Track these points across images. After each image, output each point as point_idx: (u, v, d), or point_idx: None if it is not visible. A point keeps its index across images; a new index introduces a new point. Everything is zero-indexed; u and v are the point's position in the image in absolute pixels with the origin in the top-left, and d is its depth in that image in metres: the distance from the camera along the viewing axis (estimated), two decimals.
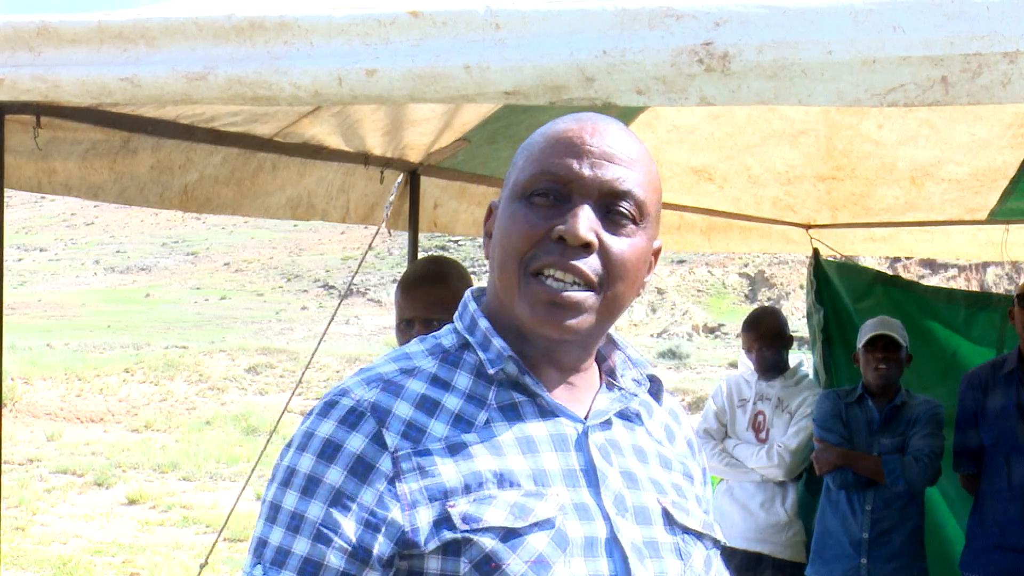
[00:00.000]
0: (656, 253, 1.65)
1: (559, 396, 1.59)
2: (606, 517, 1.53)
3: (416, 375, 1.55)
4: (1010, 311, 4.68)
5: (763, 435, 5.26)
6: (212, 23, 2.35)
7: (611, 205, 1.54)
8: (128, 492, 12.84)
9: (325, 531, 1.47)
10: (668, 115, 4.88)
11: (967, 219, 5.82)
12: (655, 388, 1.71)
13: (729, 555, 5.18)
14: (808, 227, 6.06)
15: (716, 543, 1.66)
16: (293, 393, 5.80)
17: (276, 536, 1.49)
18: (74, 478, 13.77)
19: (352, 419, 1.50)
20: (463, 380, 1.56)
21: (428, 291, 3.33)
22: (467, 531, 1.46)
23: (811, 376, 5.57)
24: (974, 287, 29.45)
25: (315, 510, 1.47)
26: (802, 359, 5.50)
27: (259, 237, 46.76)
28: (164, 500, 12.54)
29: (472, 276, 3.53)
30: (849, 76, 1.99)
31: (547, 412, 1.57)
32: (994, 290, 26.40)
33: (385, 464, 1.48)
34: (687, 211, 5.78)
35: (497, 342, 1.56)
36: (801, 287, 25.11)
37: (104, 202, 3.49)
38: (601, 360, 1.67)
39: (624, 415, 1.64)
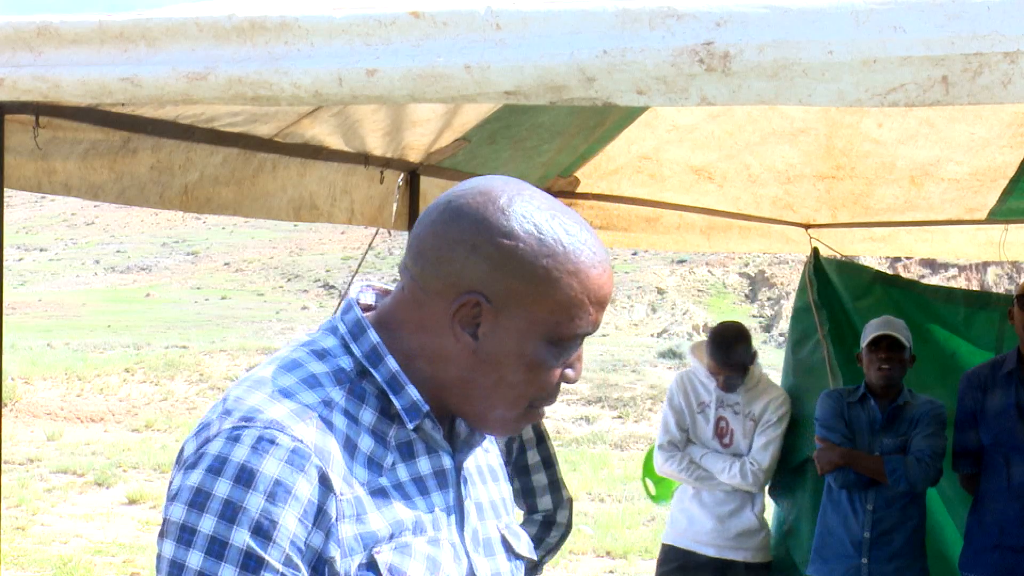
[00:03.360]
0: None
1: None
2: (467, 554, 1.59)
3: (334, 408, 1.53)
4: (1010, 311, 4.68)
5: (727, 440, 5.22)
6: (213, 23, 2.35)
7: None
8: (128, 492, 12.83)
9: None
10: (668, 115, 4.88)
11: (967, 219, 5.82)
12: None
13: (702, 564, 5.19)
14: (808, 227, 6.06)
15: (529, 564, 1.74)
16: None
17: (228, 574, 1.44)
18: (74, 478, 13.77)
19: (299, 461, 1.46)
20: (367, 416, 1.55)
21: None
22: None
23: (767, 375, 5.52)
24: (974, 287, 29.44)
25: (275, 555, 1.44)
26: (758, 361, 5.42)
27: (259, 237, 46.76)
28: (164, 500, 12.52)
29: None
30: (850, 76, 1.99)
31: (431, 446, 1.60)
32: (994, 290, 26.40)
33: (331, 508, 1.47)
34: (687, 211, 5.78)
35: (411, 392, 1.55)
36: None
37: (104, 202, 3.49)
38: None
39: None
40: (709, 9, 2.04)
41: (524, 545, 1.69)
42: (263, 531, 1.44)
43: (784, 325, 26.21)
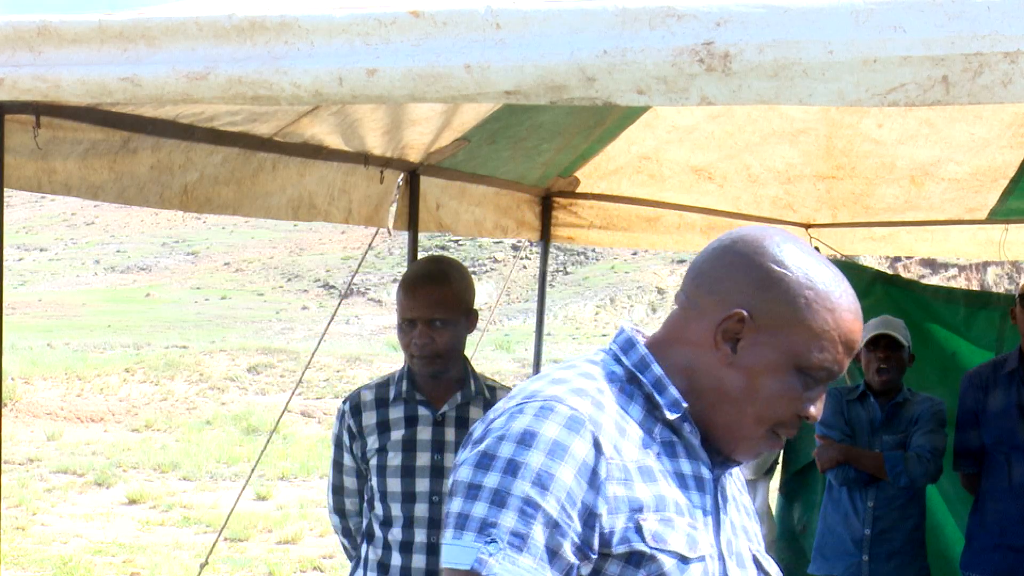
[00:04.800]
0: None
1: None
2: (721, 558, 1.74)
3: (607, 395, 1.71)
4: (1012, 311, 4.68)
5: None
6: (213, 23, 2.35)
7: None
8: (128, 492, 12.83)
9: (562, 525, 1.60)
10: (668, 115, 4.88)
11: (967, 218, 5.82)
12: None
13: None
14: (808, 226, 6.06)
15: None
16: (293, 393, 5.81)
17: (509, 520, 1.59)
18: (74, 478, 13.77)
19: (575, 425, 1.64)
20: (636, 412, 1.72)
21: (430, 291, 3.33)
22: (655, 548, 1.64)
23: None
24: (974, 287, 29.45)
25: (552, 505, 1.60)
26: None
27: (259, 237, 46.76)
28: (164, 500, 12.53)
29: (472, 276, 3.54)
30: (850, 76, 1.99)
31: (692, 454, 1.75)
32: (994, 290, 26.41)
33: (602, 468, 1.63)
34: (687, 211, 5.78)
35: (673, 391, 1.73)
36: None
37: (104, 202, 3.49)
38: None
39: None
40: (709, 9, 2.04)
41: (774, 569, 1.83)
42: (542, 482, 1.60)
43: None
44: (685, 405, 1.73)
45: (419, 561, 3.35)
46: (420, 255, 4.42)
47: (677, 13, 2.05)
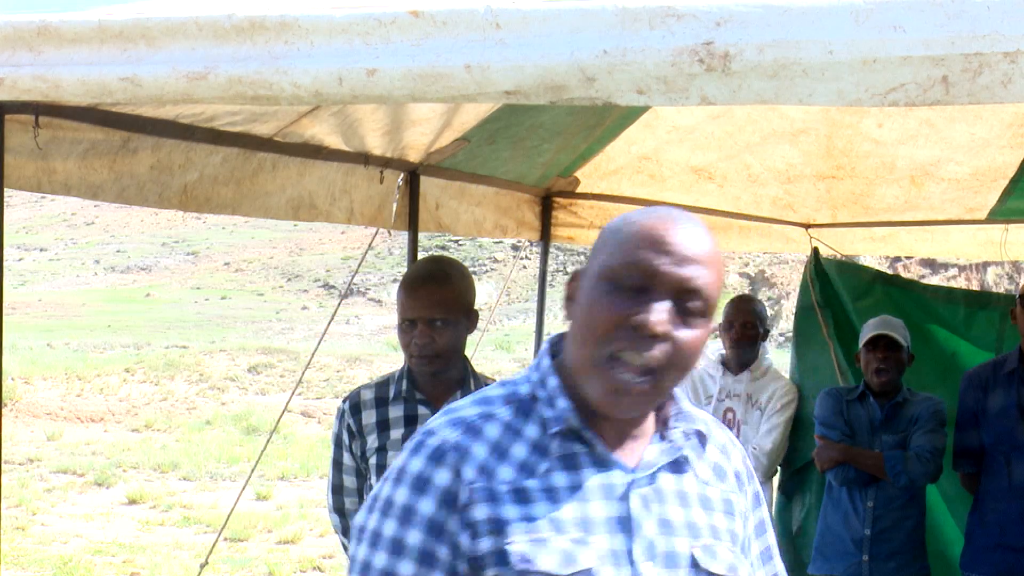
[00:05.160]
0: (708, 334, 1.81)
1: (613, 445, 1.77)
2: (632, 563, 1.71)
3: (492, 421, 1.75)
4: (1012, 311, 4.68)
5: (734, 430, 5.23)
6: (212, 23, 2.35)
7: (685, 301, 1.70)
8: (128, 492, 12.83)
9: (427, 555, 1.69)
10: (668, 115, 4.88)
11: (967, 219, 5.82)
12: (701, 442, 1.85)
13: None
14: (808, 226, 6.06)
15: None
16: (293, 393, 5.81)
17: (380, 560, 1.71)
18: (74, 478, 13.77)
19: (438, 456, 1.72)
20: (531, 430, 1.75)
21: (431, 291, 3.33)
22: (521, 570, 1.66)
23: (774, 366, 5.54)
24: (974, 287, 29.44)
25: (415, 537, 1.69)
26: (767, 348, 5.48)
27: (259, 237, 46.76)
28: (164, 500, 12.53)
29: (472, 276, 3.54)
30: (850, 76, 1.99)
31: (601, 463, 1.75)
32: (994, 290, 26.40)
33: (463, 494, 1.69)
34: (687, 211, 5.78)
35: (561, 403, 1.75)
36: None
37: (104, 202, 3.49)
38: (658, 408, 1.83)
39: (675, 462, 1.80)
40: (709, 9, 2.03)
41: (720, 564, 1.77)
42: (407, 518, 1.70)
43: (784, 325, 26.21)
44: (567, 416, 1.74)
45: None
46: (420, 255, 4.42)
47: (677, 13, 2.04)
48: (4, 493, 3.62)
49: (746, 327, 5.30)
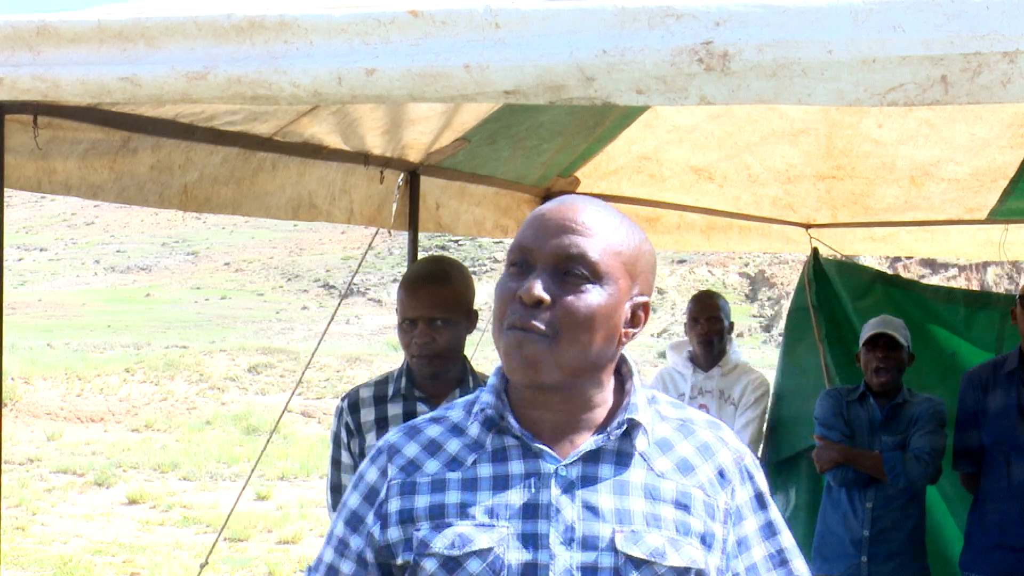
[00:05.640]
0: (640, 307, 1.88)
1: (548, 439, 1.84)
2: (547, 546, 1.79)
3: (441, 422, 1.91)
4: (1012, 311, 4.68)
5: None
6: (212, 22, 2.35)
7: (566, 268, 1.79)
8: (128, 492, 12.83)
9: (341, 545, 1.90)
10: (668, 115, 4.88)
11: (967, 219, 5.82)
12: (645, 433, 1.87)
13: None
14: (808, 226, 6.06)
15: (676, 569, 1.81)
16: (293, 393, 5.81)
17: (321, 547, 1.96)
18: (74, 478, 13.77)
19: (375, 456, 1.90)
20: (474, 428, 1.87)
21: (430, 291, 3.33)
22: (418, 555, 1.80)
23: (743, 360, 5.55)
24: (974, 287, 29.44)
25: (339, 528, 1.91)
26: (734, 342, 5.48)
27: (259, 237, 46.76)
28: (164, 500, 12.53)
29: (472, 276, 3.54)
30: (849, 75, 1.99)
31: (530, 454, 1.83)
32: (994, 290, 26.39)
33: (382, 489, 1.86)
34: (687, 211, 5.78)
35: (485, 398, 1.87)
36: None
37: (104, 202, 3.49)
38: (615, 406, 1.89)
39: (623, 452, 1.85)
40: (708, 8, 2.04)
41: (641, 549, 1.80)
42: (341, 511, 1.92)
43: (783, 324, 26.18)
44: (485, 408, 1.85)
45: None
46: (420, 255, 4.42)
47: (676, 13, 2.05)
48: (4, 493, 3.62)
49: (711, 322, 5.31)
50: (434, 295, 3.32)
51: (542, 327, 1.77)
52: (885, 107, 2.42)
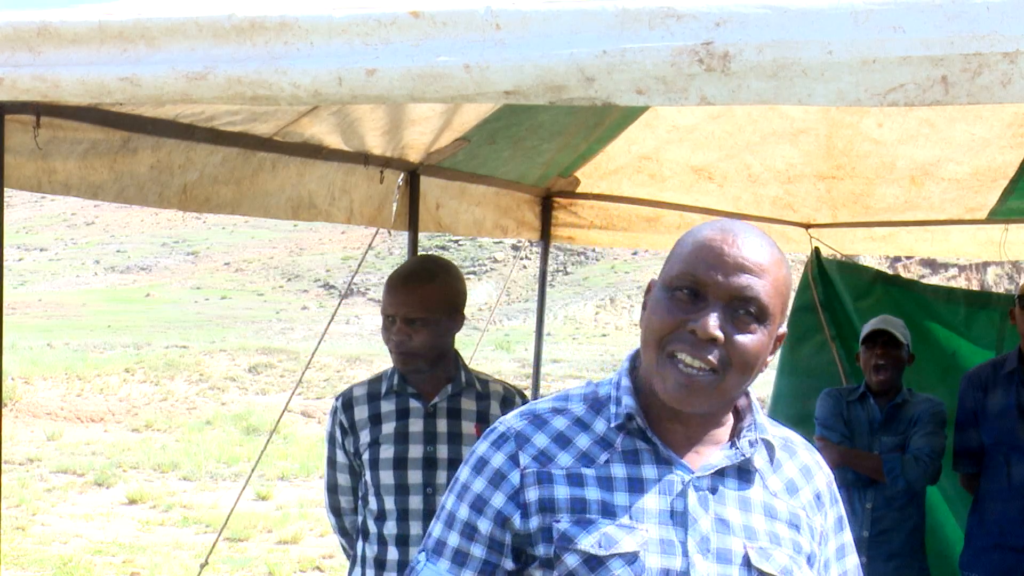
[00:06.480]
0: (780, 339, 1.93)
1: (679, 448, 1.89)
2: (686, 554, 1.82)
3: (564, 414, 1.93)
4: (1011, 311, 4.68)
5: None
6: (212, 23, 2.35)
7: (738, 307, 1.84)
8: (128, 492, 12.84)
9: (469, 529, 1.88)
10: (668, 115, 4.88)
11: (967, 218, 5.82)
12: (769, 452, 1.95)
13: None
14: (808, 226, 6.06)
15: None
16: (293, 393, 5.81)
17: (437, 530, 1.92)
18: (74, 478, 13.77)
19: (500, 442, 1.90)
20: (600, 425, 1.90)
21: (410, 290, 3.36)
22: (559, 548, 1.81)
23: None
24: (974, 287, 29.45)
25: (463, 512, 1.90)
26: None
27: (259, 237, 46.76)
28: (164, 500, 12.54)
29: (471, 276, 3.54)
30: (849, 76, 1.99)
31: (662, 461, 1.88)
32: (994, 290, 26.39)
33: (515, 477, 1.86)
34: (687, 211, 5.78)
35: (626, 401, 1.90)
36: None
37: (104, 202, 3.49)
38: (739, 419, 1.96)
39: (742, 469, 1.92)
40: (709, 9, 2.04)
41: (773, 566, 1.86)
42: (462, 494, 1.90)
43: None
44: (629, 414, 1.88)
45: (416, 554, 3.37)
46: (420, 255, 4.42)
47: (676, 13, 2.05)
48: (4, 493, 3.62)
49: None
50: (412, 294, 3.35)
51: (715, 363, 1.82)
52: (885, 107, 2.42)
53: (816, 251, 5.94)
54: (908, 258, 28.13)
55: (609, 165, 5.33)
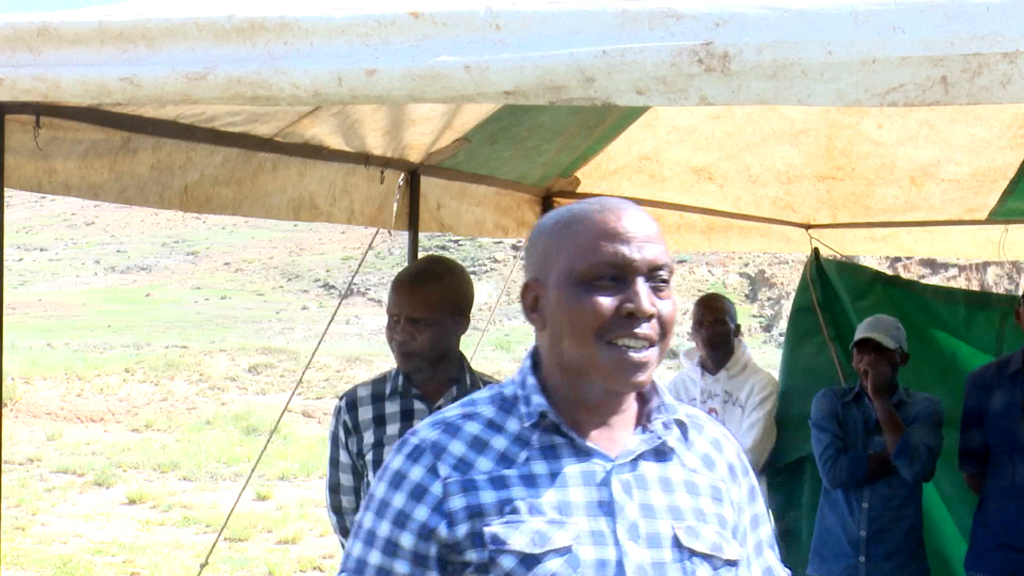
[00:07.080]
0: None
1: (594, 438, 1.88)
2: (617, 543, 1.81)
3: (474, 419, 1.90)
4: (1016, 311, 4.66)
5: None
6: (212, 23, 2.35)
7: (655, 276, 1.85)
8: (128, 492, 12.83)
9: (391, 546, 1.84)
10: (668, 115, 4.88)
11: (967, 219, 5.82)
12: (682, 431, 1.94)
13: None
14: (808, 227, 6.06)
15: (728, 562, 1.89)
16: (293, 393, 5.80)
17: (357, 550, 1.88)
18: (74, 478, 13.77)
19: (416, 454, 1.86)
20: (513, 424, 1.88)
21: (415, 290, 3.36)
22: (493, 551, 1.79)
23: (753, 360, 5.53)
24: (974, 287, 29.43)
25: (384, 529, 1.86)
26: (744, 344, 5.48)
27: (259, 237, 46.75)
28: (164, 500, 12.53)
29: (471, 276, 3.54)
30: (849, 76, 1.99)
31: (581, 452, 1.86)
32: (994, 290, 26.40)
33: (437, 488, 1.83)
34: (687, 211, 5.78)
35: (536, 399, 1.88)
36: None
37: (104, 202, 3.49)
38: (644, 402, 1.93)
39: (659, 451, 1.90)
40: (708, 9, 2.04)
41: (703, 544, 1.86)
42: (380, 511, 1.87)
43: (784, 325, 26.17)
44: (541, 410, 1.87)
45: None
46: (420, 255, 4.42)
47: (676, 14, 2.05)
48: (4, 493, 3.61)
49: (716, 325, 5.31)
50: (417, 295, 3.35)
51: (654, 336, 1.84)
52: (885, 108, 2.42)
53: (815, 252, 5.94)
54: (908, 258, 28.12)
55: (609, 165, 5.33)
